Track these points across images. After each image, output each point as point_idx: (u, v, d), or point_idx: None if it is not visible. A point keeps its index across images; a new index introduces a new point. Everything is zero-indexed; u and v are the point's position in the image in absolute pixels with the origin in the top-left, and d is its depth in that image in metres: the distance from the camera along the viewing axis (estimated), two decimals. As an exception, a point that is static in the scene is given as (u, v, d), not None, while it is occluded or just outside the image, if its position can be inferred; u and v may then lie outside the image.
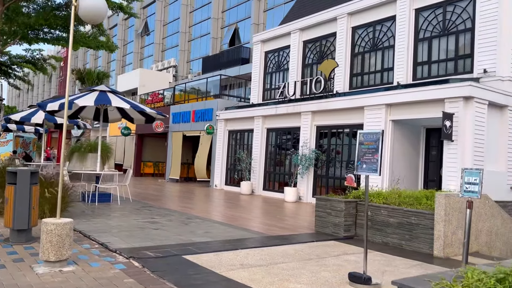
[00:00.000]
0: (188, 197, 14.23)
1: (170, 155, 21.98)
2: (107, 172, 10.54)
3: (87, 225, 7.24)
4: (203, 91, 24.19)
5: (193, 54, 32.64)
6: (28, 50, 16.31)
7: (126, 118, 12.64)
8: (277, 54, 18.15)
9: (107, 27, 45.78)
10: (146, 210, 9.82)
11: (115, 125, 28.48)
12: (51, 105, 9.67)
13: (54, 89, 59.24)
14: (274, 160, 15.86)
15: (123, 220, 8.10)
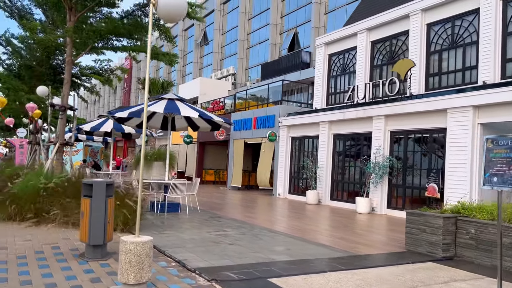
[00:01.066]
0: (254, 206, 13.76)
1: (231, 163, 21.75)
2: (176, 181, 10.30)
3: (159, 239, 6.91)
4: (263, 97, 23.82)
5: (252, 61, 32.48)
6: (97, 61, 16.73)
7: (191, 126, 12.45)
8: (342, 56, 17.31)
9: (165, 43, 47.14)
10: (215, 221, 9.43)
11: (177, 134, 28.88)
12: (122, 114, 9.60)
13: (118, 100, 61.94)
14: (342, 168, 15.00)
15: (195, 232, 7.72)
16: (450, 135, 11.00)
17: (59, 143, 9.37)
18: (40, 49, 15.30)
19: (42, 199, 8.09)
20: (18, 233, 7.02)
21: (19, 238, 6.66)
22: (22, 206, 8.03)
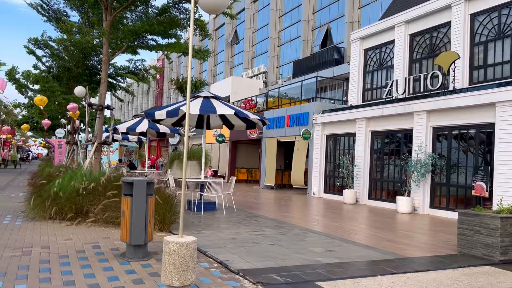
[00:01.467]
0: (290, 206, 13.49)
1: (264, 162, 21.54)
2: (212, 180, 10.17)
3: (199, 238, 6.76)
4: (295, 95, 23.49)
5: (283, 59, 32.16)
6: (131, 60, 16.92)
7: (226, 125, 12.31)
8: (379, 50, 16.76)
9: (198, 38, 47.45)
10: (253, 220, 9.22)
11: (210, 133, 28.97)
12: (158, 113, 9.55)
13: (151, 101, 62.99)
14: (381, 166, 14.49)
15: (234, 232, 7.53)
16: (499, 130, 10.37)
17: (97, 142, 9.42)
18: (76, 50, 15.58)
19: (81, 199, 8.13)
20: (59, 232, 7.04)
21: (61, 237, 6.67)
22: (62, 205, 8.09)
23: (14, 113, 43.20)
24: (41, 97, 13.49)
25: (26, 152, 70.72)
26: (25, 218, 8.33)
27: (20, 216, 8.62)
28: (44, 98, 13.54)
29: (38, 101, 13.15)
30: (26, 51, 16.31)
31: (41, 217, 8.13)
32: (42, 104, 13.35)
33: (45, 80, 17.38)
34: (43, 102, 13.27)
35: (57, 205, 8.11)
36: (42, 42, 16.73)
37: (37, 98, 13.43)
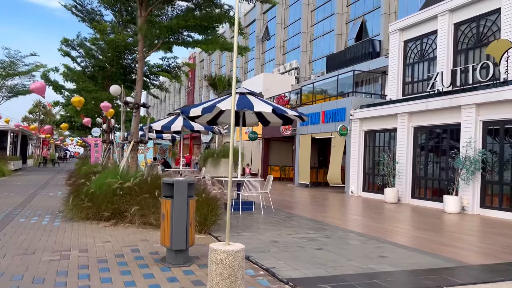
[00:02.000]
0: (329, 205, 13.01)
1: (298, 159, 21.07)
2: (249, 179, 9.83)
3: (239, 241, 6.41)
4: (329, 90, 22.87)
5: (315, 54, 31.50)
6: (164, 58, 16.81)
7: (262, 121, 11.94)
8: (420, 42, 15.95)
9: (229, 35, 47.35)
10: (293, 221, 8.82)
11: (242, 130, 28.73)
12: (194, 110, 9.27)
13: (183, 100, 63.52)
14: (425, 163, 13.74)
15: (276, 234, 7.16)
16: (561, 124, 9.51)
17: (133, 141, 9.26)
18: (110, 49, 15.61)
19: (118, 199, 7.97)
20: (97, 234, 6.87)
21: (98, 239, 6.49)
22: (99, 205, 7.95)
23: (52, 113, 44.50)
24: (79, 98, 13.55)
25: (63, 151, 73.02)
26: (63, 219, 8.25)
27: (59, 216, 8.56)
28: (82, 99, 13.59)
29: (77, 102, 13.22)
30: (61, 53, 16.49)
31: (79, 217, 8.02)
32: (79, 106, 13.42)
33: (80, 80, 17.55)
34: (80, 103, 13.32)
35: (94, 205, 7.99)
36: (75, 43, 16.86)
37: (75, 99, 13.50)
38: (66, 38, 16.29)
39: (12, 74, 22.36)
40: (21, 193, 13.20)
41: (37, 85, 10.34)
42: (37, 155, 39.31)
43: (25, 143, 34.35)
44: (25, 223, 7.78)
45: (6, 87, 23.13)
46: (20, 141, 30.86)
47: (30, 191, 13.90)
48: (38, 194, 13.02)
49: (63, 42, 16.34)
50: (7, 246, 5.84)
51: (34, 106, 43.93)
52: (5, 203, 10.53)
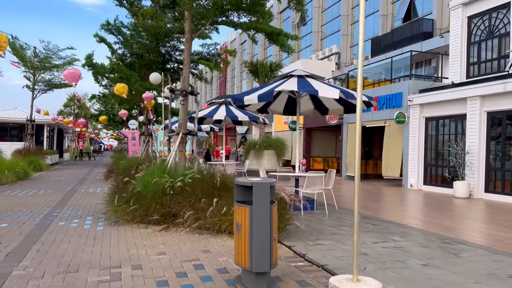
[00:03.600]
0: (392, 201, 11.62)
1: (345, 150, 19.64)
2: (313, 174, 8.59)
3: (320, 253, 5.23)
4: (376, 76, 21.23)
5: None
6: (204, 45, 15.73)
7: (319, 109, 10.65)
8: (488, 17, 14.13)
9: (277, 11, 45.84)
10: (368, 224, 7.54)
11: (280, 120, 27.47)
12: (248, 98, 8.08)
13: (214, 91, 62.66)
14: (502, 152, 12.08)
15: (360, 243, 5.89)
16: None
17: (181, 133, 8.19)
18: (149, 36, 14.63)
19: (168, 199, 6.92)
20: (148, 242, 5.83)
21: (151, 249, 5.44)
22: (147, 207, 6.93)
23: (87, 107, 44.61)
24: (123, 85, 12.61)
25: (98, 144, 73.95)
26: (107, 221, 7.30)
27: (101, 218, 7.62)
28: (126, 86, 12.66)
29: (121, 89, 12.31)
30: (96, 40, 15.64)
31: (124, 220, 7.03)
32: (124, 92, 12.51)
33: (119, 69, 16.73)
34: (125, 90, 12.40)
35: (142, 207, 6.98)
36: (114, 27, 15.98)
37: (119, 85, 12.59)
38: (108, 21, 15.38)
39: (48, 68, 21.87)
40: (59, 189, 12.49)
41: (71, 71, 9.44)
42: (73, 149, 39.44)
43: (61, 137, 34.37)
44: (65, 227, 6.86)
45: (42, 81, 22.69)
46: (57, 135, 30.76)
47: (68, 187, 13.19)
48: (77, 190, 12.27)
49: (104, 26, 15.45)
50: (46, 260, 4.86)
51: (69, 100, 44.12)
52: (43, 202, 9.75)
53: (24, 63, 20.96)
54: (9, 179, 13.89)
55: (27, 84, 22.41)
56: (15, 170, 14.82)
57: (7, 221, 7.21)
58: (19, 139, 24.92)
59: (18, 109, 27.18)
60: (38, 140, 25.46)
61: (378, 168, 20.52)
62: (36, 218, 7.61)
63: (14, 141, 24.87)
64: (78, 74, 9.60)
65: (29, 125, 22.27)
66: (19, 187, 12.77)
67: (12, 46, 19.47)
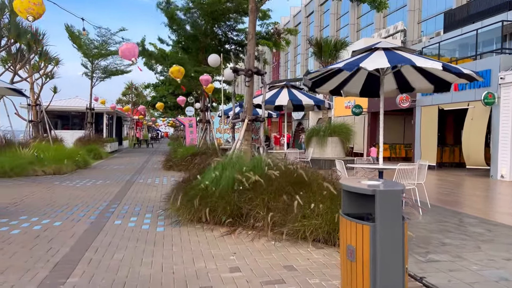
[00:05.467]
0: (489, 196, 9.93)
1: (418, 136, 17.77)
2: (404, 167, 7.22)
3: (440, 275, 3.96)
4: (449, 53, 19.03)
5: (426, 13, 27.13)
6: (263, 24, 14.54)
7: (402, 88, 9.14)
8: None
9: (317, 3, 43.78)
10: (479, 228, 6.08)
11: (341, 104, 25.82)
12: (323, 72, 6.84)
13: (267, 76, 61.45)
14: None
15: (486, 259, 4.54)
16: None
17: (247, 119, 7.12)
18: (205, 16, 13.67)
19: (237, 196, 5.90)
20: (217, 251, 4.83)
21: (221, 262, 4.43)
22: (214, 205, 5.96)
23: (143, 95, 45.18)
24: (178, 68, 11.82)
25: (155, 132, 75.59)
26: (167, 220, 6.43)
27: (161, 215, 6.77)
28: (182, 69, 11.87)
29: (176, 72, 11.55)
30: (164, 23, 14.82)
31: (187, 219, 6.11)
32: (179, 76, 11.74)
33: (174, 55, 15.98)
34: (181, 73, 11.62)
35: (207, 205, 6.01)
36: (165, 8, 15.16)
37: (174, 68, 11.83)
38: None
39: (104, 54, 21.73)
40: (117, 180, 11.98)
41: (127, 46, 8.65)
42: (132, 136, 40.09)
43: (120, 125, 34.85)
44: (121, 227, 6.05)
45: (99, 68, 22.65)
46: (116, 123, 31.13)
47: (126, 177, 12.67)
48: (135, 181, 11.68)
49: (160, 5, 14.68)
50: (98, 275, 3.99)
51: (127, 88, 44.87)
52: (100, 195, 9.14)
53: (82, 51, 20.92)
54: (69, 168, 13.66)
55: (85, 72, 22.46)
56: (75, 159, 14.61)
57: (61, 219, 6.55)
58: (80, 127, 25.28)
59: (79, 98, 27.60)
60: (98, 128, 25.71)
61: (455, 155, 18.49)
62: (92, 215, 6.91)
63: (75, 129, 25.27)
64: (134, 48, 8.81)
65: (89, 114, 22.38)
66: (78, 177, 12.43)
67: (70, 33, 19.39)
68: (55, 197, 8.59)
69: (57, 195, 8.88)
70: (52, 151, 13.98)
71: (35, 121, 18.31)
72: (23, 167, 12.15)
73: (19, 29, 13.68)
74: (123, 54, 8.81)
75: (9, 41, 14.03)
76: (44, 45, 15.81)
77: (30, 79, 18.34)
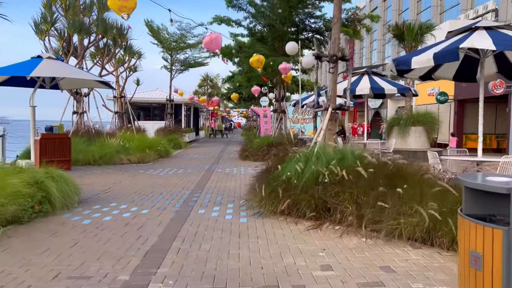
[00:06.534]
0: None
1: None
2: (510, 159, 6.44)
3: None
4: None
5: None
6: (343, 10, 13.89)
7: (503, 72, 8.19)
8: None
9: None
10: None
11: (423, 91, 24.20)
12: (418, 60, 6.26)
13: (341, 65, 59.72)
14: None
15: None
16: None
17: (331, 108, 6.77)
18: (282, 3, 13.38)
19: (321, 190, 5.62)
20: (304, 246, 4.61)
21: (311, 259, 4.19)
22: (297, 198, 5.73)
23: (218, 86, 46.19)
24: (258, 57, 11.73)
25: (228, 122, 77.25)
26: (250, 211, 6.33)
27: (243, 206, 6.70)
28: (261, 58, 11.77)
29: (255, 62, 11.48)
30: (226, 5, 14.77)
31: (270, 211, 5.95)
32: (259, 66, 11.65)
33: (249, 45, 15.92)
34: (260, 62, 11.53)
35: (290, 197, 5.81)
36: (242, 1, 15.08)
37: (253, 58, 11.76)
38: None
39: (183, 47, 22.38)
40: (197, 168, 12.25)
41: (212, 36, 8.65)
42: (207, 127, 41.29)
43: (197, 116, 35.98)
44: (205, 217, 6.05)
45: (178, 61, 23.40)
46: (193, 114, 32.15)
47: (205, 166, 12.92)
48: (214, 170, 11.85)
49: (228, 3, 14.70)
50: (188, 266, 3.95)
51: (202, 80, 46.15)
52: (182, 183, 9.35)
53: (162, 45, 21.69)
54: (152, 157, 14.25)
55: (164, 65, 23.32)
56: (157, 148, 15.22)
57: (148, 206, 6.74)
58: (161, 118, 26.42)
59: (159, 90, 28.84)
60: (177, 119, 26.70)
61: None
62: (176, 203, 7.04)
63: (156, 120, 26.48)
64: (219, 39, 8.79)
65: (169, 105, 23.27)
66: (160, 166, 12.90)
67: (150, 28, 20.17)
68: (141, 185, 8.93)
69: (142, 183, 9.22)
70: (136, 141, 14.67)
71: (120, 113, 19.40)
72: (111, 156, 12.86)
73: (106, 25, 14.44)
74: (208, 46, 8.84)
75: (97, 37, 14.88)
76: (128, 39, 16.56)
77: (116, 73, 19.44)
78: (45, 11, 13.34)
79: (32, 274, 3.70)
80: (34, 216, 5.58)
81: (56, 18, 13.42)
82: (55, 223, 5.52)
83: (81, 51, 14.58)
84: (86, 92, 14.98)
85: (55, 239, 4.82)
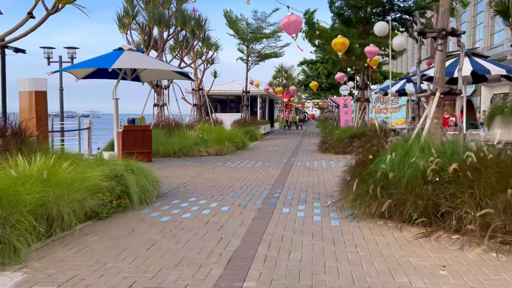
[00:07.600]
0: None
1: None
2: None
3: None
4: None
5: None
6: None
7: None
8: None
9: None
10: None
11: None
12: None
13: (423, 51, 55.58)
14: None
15: None
16: None
17: (439, 92, 5.73)
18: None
19: (431, 190, 4.68)
20: (417, 260, 3.76)
21: (430, 278, 3.36)
22: (400, 198, 4.86)
23: (293, 77, 45.34)
24: (343, 40, 10.80)
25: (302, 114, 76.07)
26: (340, 212, 5.56)
27: (332, 207, 5.93)
28: (346, 41, 10.82)
29: (339, 45, 10.58)
30: None
31: (365, 213, 5.14)
32: (342, 49, 10.75)
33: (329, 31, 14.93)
34: (344, 46, 10.61)
35: (389, 197, 4.94)
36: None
37: (338, 40, 10.84)
38: None
39: (259, 38, 21.92)
40: (275, 161, 11.68)
41: (291, 19, 7.90)
42: (282, 119, 40.77)
43: (272, 107, 35.55)
44: (291, 217, 5.40)
45: (254, 52, 23.01)
46: (268, 105, 31.75)
47: (284, 159, 12.30)
48: (293, 163, 11.19)
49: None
50: (277, 281, 3.33)
51: (277, 71, 45.57)
52: (262, 177, 8.81)
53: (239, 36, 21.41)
54: (229, 149, 13.98)
55: (240, 57, 23.06)
56: (234, 140, 14.93)
57: (228, 203, 6.25)
58: (237, 110, 26.34)
59: (235, 82, 28.79)
60: (252, 111, 26.44)
61: None
62: (257, 200, 6.48)
63: (232, 112, 26.44)
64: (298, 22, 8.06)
65: (245, 97, 23.02)
66: (238, 158, 12.54)
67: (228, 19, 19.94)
68: (219, 179, 8.54)
69: (221, 176, 8.84)
70: (213, 133, 14.48)
71: (198, 105, 19.48)
72: (190, 148, 12.76)
73: (184, 17, 14.34)
74: (285, 28, 8.15)
75: (176, 29, 14.87)
76: (206, 30, 16.41)
77: (194, 65, 19.50)
78: (127, 5, 13.53)
79: (106, 281, 3.31)
80: (113, 211, 5.33)
81: (138, 11, 13.55)
82: (133, 220, 5.22)
83: (161, 43, 14.66)
84: (166, 85, 15.08)
85: (132, 238, 4.47)
